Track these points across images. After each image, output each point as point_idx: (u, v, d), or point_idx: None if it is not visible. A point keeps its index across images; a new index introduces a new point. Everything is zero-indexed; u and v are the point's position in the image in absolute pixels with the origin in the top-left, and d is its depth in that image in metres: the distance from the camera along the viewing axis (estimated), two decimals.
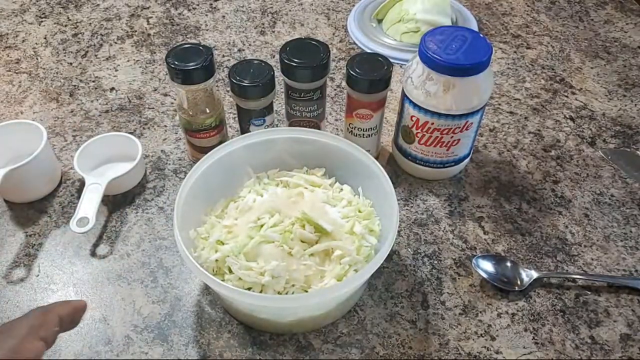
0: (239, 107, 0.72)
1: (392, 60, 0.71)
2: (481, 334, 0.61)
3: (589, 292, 0.65)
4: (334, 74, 0.92)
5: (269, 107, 0.72)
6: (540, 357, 0.59)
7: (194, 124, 0.71)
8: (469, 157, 0.76)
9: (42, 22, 1.03)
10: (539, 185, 0.76)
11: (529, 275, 0.65)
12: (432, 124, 0.69)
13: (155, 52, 0.96)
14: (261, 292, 0.57)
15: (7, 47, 0.97)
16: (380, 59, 0.70)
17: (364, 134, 0.74)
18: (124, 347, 0.60)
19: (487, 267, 0.65)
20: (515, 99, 0.88)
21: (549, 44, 0.98)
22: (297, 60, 0.68)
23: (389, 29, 0.97)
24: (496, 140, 0.82)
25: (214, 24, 1.02)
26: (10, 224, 0.71)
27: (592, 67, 0.94)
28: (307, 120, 0.75)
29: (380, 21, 1.01)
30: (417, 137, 0.71)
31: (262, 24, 1.02)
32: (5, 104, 0.87)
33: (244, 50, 0.97)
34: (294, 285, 0.58)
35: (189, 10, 1.05)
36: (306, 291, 0.58)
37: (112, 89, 0.90)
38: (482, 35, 0.67)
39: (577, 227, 0.71)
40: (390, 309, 0.63)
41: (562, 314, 0.63)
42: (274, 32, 1.00)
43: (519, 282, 0.65)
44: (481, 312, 0.63)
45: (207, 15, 1.04)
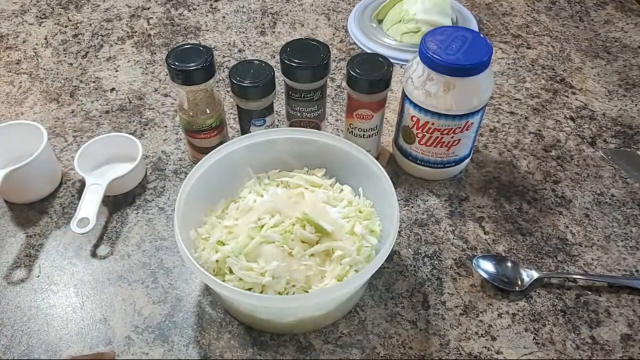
0: (239, 108, 0.72)
1: (392, 60, 0.71)
2: (482, 334, 0.61)
3: (590, 292, 0.65)
4: (335, 74, 0.92)
5: (270, 107, 0.72)
6: (540, 357, 0.59)
7: (195, 125, 0.71)
8: (470, 157, 0.76)
9: (42, 22, 1.03)
10: (539, 185, 0.76)
11: (529, 275, 0.65)
12: (433, 124, 0.69)
13: (155, 53, 0.96)
14: (262, 292, 0.57)
15: (7, 48, 0.97)
16: (380, 59, 0.70)
17: (364, 134, 0.74)
18: (124, 348, 0.60)
19: (487, 267, 0.65)
20: (515, 99, 0.88)
21: (549, 44, 0.98)
22: (297, 60, 0.68)
23: (389, 29, 0.97)
24: (496, 140, 0.82)
25: (214, 25, 1.02)
26: (10, 225, 0.71)
27: (592, 67, 0.94)
28: (307, 120, 0.75)
29: (380, 21, 1.01)
30: (418, 137, 0.71)
31: (263, 25, 1.02)
32: (5, 105, 0.87)
33: (244, 50, 0.97)
34: (294, 285, 0.58)
35: (189, 10, 1.05)
36: (307, 292, 0.58)
37: (113, 89, 0.90)
38: (482, 35, 0.67)
39: (577, 227, 0.71)
40: (390, 309, 0.63)
41: (562, 314, 0.63)
42: (274, 32, 1.00)
43: (519, 282, 0.65)
44: (482, 312, 0.63)
45: (207, 15, 1.04)
